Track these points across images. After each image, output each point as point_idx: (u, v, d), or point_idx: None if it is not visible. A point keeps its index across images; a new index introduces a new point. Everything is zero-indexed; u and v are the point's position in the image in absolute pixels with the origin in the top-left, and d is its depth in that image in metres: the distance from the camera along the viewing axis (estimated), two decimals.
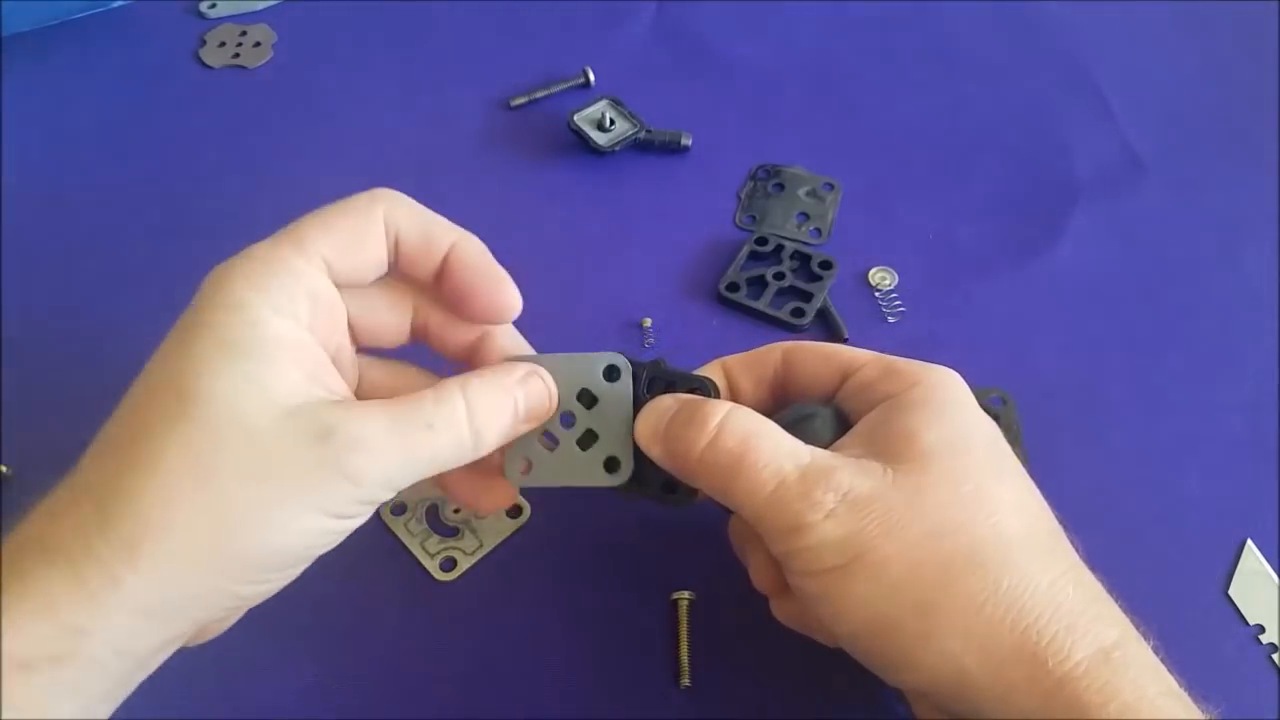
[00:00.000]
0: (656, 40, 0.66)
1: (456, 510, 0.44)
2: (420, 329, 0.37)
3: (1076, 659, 0.29)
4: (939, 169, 0.59)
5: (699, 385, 0.37)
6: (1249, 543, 0.44)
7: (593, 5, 0.67)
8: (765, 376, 0.39)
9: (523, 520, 0.44)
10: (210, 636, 0.33)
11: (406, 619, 0.42)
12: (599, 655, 0.41)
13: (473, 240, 0.35)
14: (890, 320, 0.52)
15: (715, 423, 0.34)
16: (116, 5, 0.65)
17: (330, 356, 0.33)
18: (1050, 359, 0.50)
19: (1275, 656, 0.41)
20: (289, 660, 0.40)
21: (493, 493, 0.38)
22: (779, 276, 0.52)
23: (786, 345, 0.39)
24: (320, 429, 0.29)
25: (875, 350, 0.38)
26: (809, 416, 0.36)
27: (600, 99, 0.59)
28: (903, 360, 0.37)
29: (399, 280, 0.36)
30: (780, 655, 0.40)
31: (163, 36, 0.65)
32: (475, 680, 0.40)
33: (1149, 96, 0.63)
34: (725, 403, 0.35)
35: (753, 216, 0.56)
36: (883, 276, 0.53)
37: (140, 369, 0.31)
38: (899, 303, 0.52)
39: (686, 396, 0.36)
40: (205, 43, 0.65)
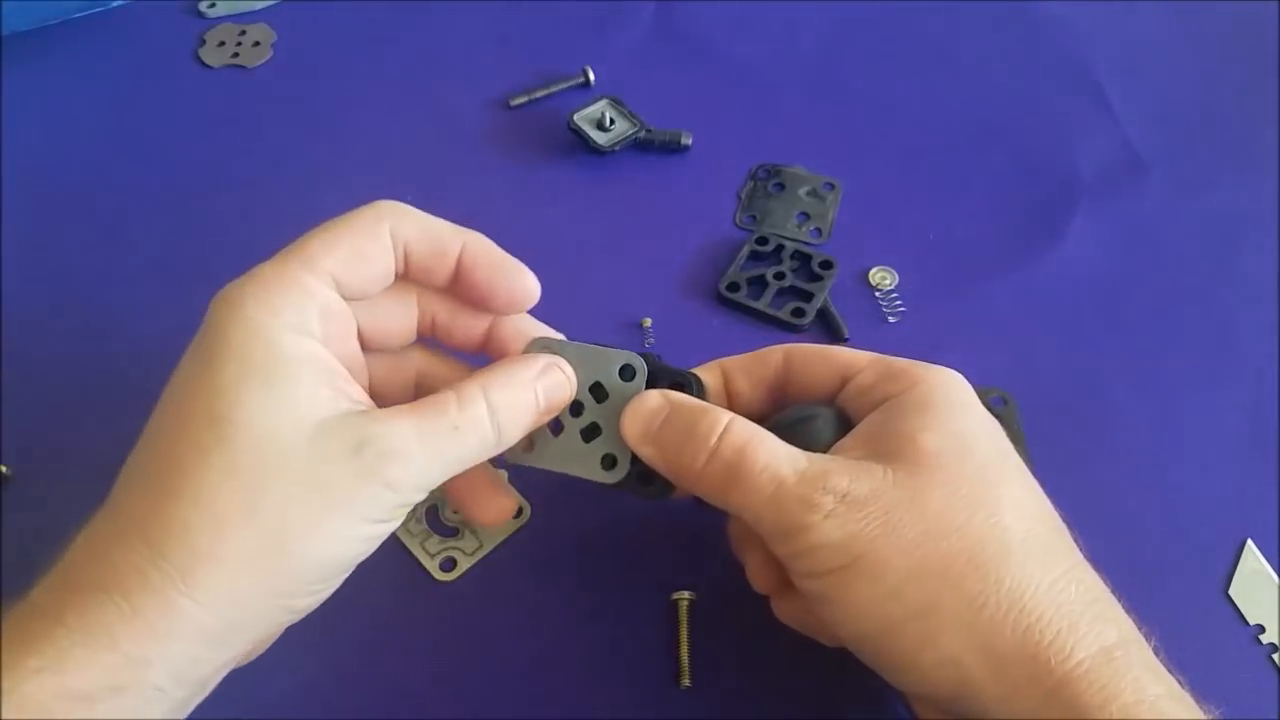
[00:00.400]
0: (656, 40, 0.66)
1: (456, 510, 0.44)
2: (426, 326, 0.38)
3: (1078, 659, 0.29)
4: (940, 169, 0.59)
5: (684, 381, 0.37)
6: (1249, 543, 0.44)
7: (593, 5, 0.67)
8: (765, 378, 0.39)
9: (523, 520, 0.44)
10: (257, 654, 0.34)
11: (406, 619, 0.42)
12: (599, 655, 0.41)
13: (479, 238, 0.36)
14: (891, 320, 0.52)
15: (715, 438, 0.34)
16: (116, 5, 0.65)
17: (345, 366, 0.33)
18: (1051, 359, 0.50)
19: (1275, 656, 0.41)
20: (289, 660, 0.40)
21: (496, 504, 0.39)
22: (779, 276, 0.52)
23: (787, 347, 0.39)
24: (355, 441, 0.30)
25: (876, 350, 0.38)
26: (810, 418, 0.36)
27: (600, 99, 0.59)
28: (904, 361, 0.37)
29: (403, 282, 0.36)
30: (780, 655, 0.40)
31: (162, 36, 0.65)
32: (475, 680, 0.40)
33: (1150, 96, 0.63)
34: (724, 413, 0.35)
35: (753, 216, 0.56)
36: (883, 276, 0.53)
37: (139, 370, 0.31)
38: (899, 303, 0.52)
39: (678, 398, 0.36)
40: (205, 42, 0.65)
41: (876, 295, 0.53)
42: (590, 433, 0.37)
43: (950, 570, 0.31)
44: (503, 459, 0.36)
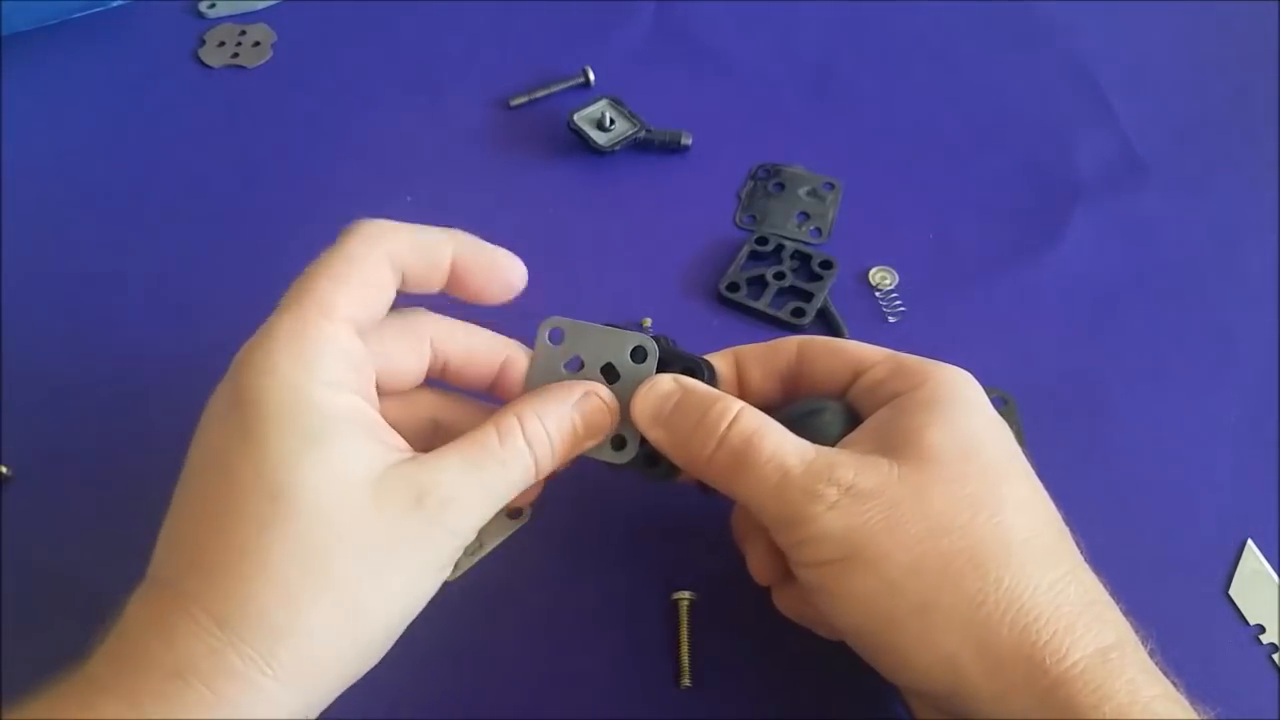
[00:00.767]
0: (656, 40, 0.66)
1: None
2: (438, 370, 0.38)
3: (1073, 659, 0.29)
4: (939, 168, 0.59)
5: (694, 366, 0.37)
6: (1249, 543, 0.44)
7: (593, 5, 0.67)
8: (778, 369, 0.39)
9: (523, 520, 0.44)
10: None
11: None
12: (599, 655, 0.41)
13: (465, 237, 0.36)
14: (891, 320, 0.52)
15: (725, 425, 0.34)
16: (116, 5, 0.65)
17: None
18: (1051, 359, 0.50)
19: (1275, 656, 0.41)
20: None
21: None
22: (779, 276, 0.52)
23: (801, 339, 0.39)
24: (414, 493, 0.30)
25: None
26: (818, 411, 0.36)
27: (600, 99, 0.59)
28: (914, 358, 0.37)
29: (414, 327, 0.36)
30: (781, 656, 0.40)
31: (162, 36, 0.65)
32: (475, 680, 0.40)
33: (1150, 96, 0.63)
34: (735, 401, 0.35)
35: (753, 216, 0.56)
36: (883, 276, 0.53)
37: (139, 370, 0.31)
38: (899, 303, 0.52)
39: (689, 383, 0.36)
40: (204, 42, 0.65)
41: (876, 295, 0.53)
42: None
43: (950, 568, 0.31)
44: None
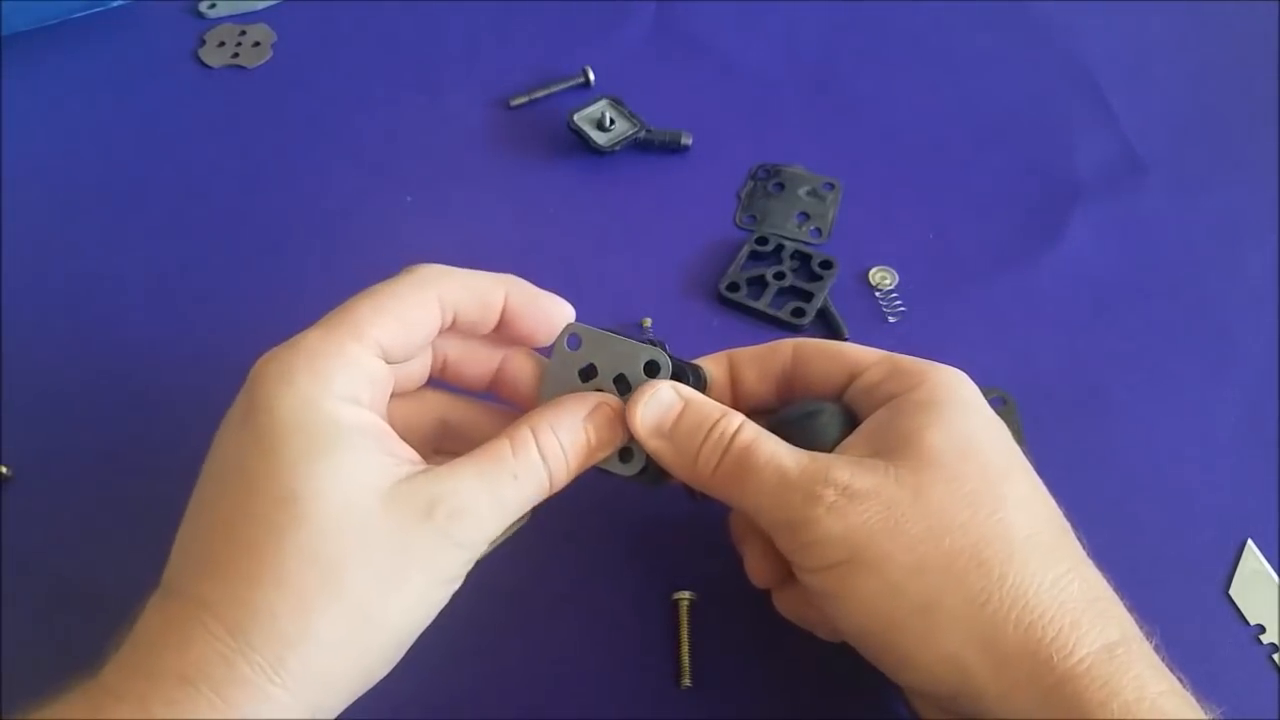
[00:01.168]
0: (656, 40, 0.66)
1: None
2: (437, 368, 0.38)
3: (1079, 656, 0.29)
4: (939, 169, 0.59)
5: (689, 373, 0.37)
6: (1249, 543, 0.44)
7: (593, 5, 0.67)
8: (773, 371, 0.39)
9: (523, 521, 0.44)
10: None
11: None
12: (599, 655, 0.41)
13: (517, 282, 0.37)
14: (890, 320, 0.52)
15: (729, 439, 0.34)
16: (116, 5, 0.65)
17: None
18: (1051, 359, 0.50)
19: (1275, 656, 0.41)
20: None
21: None
22: (779, 276, 0.52)
23: (796, 341, 0.39)
24: (425, 504, 0.30)
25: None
26: (816, 413, 0.36)
27: (600, 99, 0.59)
28: (910, 359, 0.37)
29: None
30: (780, 656, 0.40)
31: (162, 36, 0.65)
32: (475, 680, 0.40)
33: (1149, 96, 0.63)
34: (735, 414, 0.35)
35: (753, 216, 0.56)
36: (883, 276, 0.53)
37: (139, 370, 0.31)
38: (899, 303, 0.52)
39: (690, 395, 0.36)
40: (205, 42, 0.65)
41: (876, 295, 0.53)
42: None
43: (953, 567, 0.31)
44: None
